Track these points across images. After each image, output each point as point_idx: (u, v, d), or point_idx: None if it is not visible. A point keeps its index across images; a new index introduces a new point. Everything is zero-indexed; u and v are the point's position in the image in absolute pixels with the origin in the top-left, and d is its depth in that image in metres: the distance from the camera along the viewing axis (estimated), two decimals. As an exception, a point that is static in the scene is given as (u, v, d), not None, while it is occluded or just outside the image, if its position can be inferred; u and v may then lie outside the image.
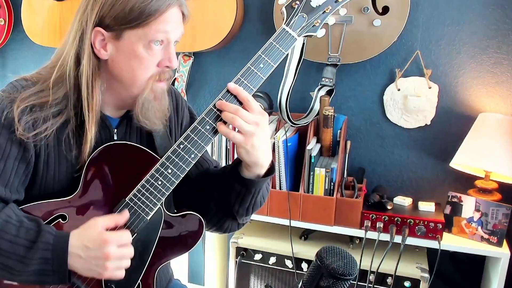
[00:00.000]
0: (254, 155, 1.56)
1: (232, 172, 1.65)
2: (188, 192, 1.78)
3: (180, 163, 1.56)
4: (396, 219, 2.63)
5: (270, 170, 1.65)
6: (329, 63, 2.88)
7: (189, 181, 1.73)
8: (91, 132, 1.55)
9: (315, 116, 2.91)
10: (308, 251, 2.83)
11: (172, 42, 1.56)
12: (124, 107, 1.63)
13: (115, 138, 1.67)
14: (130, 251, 1.49)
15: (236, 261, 2.94)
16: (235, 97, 1.56)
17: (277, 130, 2.86)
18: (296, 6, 1.65)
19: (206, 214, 1.71)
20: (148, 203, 1.56)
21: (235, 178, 1.63)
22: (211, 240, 3.25)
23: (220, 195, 1.69)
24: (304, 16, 1.65)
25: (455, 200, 2.70)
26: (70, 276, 1.46)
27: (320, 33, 1.69)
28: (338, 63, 2.87)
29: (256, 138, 1.54)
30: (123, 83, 1.57)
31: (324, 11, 1.67)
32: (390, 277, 2.64)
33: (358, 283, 2.69)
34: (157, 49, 1.53)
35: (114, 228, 1.51)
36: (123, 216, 1.53)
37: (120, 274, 1.48)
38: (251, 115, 1.54)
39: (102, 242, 1.42)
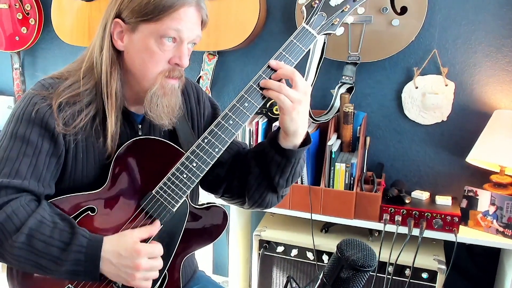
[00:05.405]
0: (297, 123, 1.60)
1: (271, 145, 1.69)
2: (224, 175, 1.82)
3: (205, 157, 1.61)
4: (414, 212, 2.66)
5: (306, 140, 1.69)
6: (349, 61, 2.91)
7: (223, 165, 1.78)
8: (111, 118, 1.59)
9: (336, 113, 2.93)
10: (329, 243, 2.85)
11: (185, 42, 1.58)
12: (141, 102, 1.63)
13: (140, 133, 1.71)
14: (159, 264, 1.55)
15: (259, 253, 2.97)
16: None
17: (298, 126, 2.86)
18: (316, 5, 1.68)
19: (248, 192, 1.76)
20: (174, 196, 1.60)
21: (275, 150, 1.67)
22: (235, 233, 3.25)
23: (261, 169, 1.73)
24: (324, 15, 1.68)
25: (471, 194, 2.71)
26: (101, 277, 1.51)
27: (339, 31, 1.72)
28: (357, 62, 2.90)
29: (302, 106, 1.59)
30: (135, 76, 1.61)
31: (343, 10, 1.70)
32: (408, 269, 2.66)
33: (377, 274, 2.72)
34: (169, 45, 1.56)
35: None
36: (156, 226, 1.59)
37: (147, 284, 1.54)
38: (300, 85, 1.60)
39: (135, 252, 1.48)
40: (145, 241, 1.56)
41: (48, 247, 1.45)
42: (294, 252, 2.90)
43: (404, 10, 2.77)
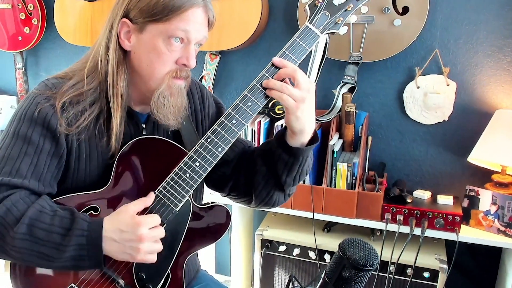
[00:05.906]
0: (303, 121, 1.58)
1: (278, 143, 1.67)
2: (230, 173, 1.81)
3: (208, 157, 1.60)
4: (415, 212, 2.65)
5: (314, 139, 1.66)
6: (351, 61, 2.92)
7: (228, 163, 1.78)
8: (116, 118, 1.59)
9: (338, 112, 2.94)
10: (331, 243, 2.85)
11: (193, 43, 1.58)
12: (146, 102, 1.63)
13: (144, 133, 1.71)
14: (161, 232, 1.52)
15: (261, 252, 2.97)
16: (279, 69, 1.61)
17: (300, 126, 2.87)
18: (319, 4, 1.67)
19: (254, 190, 1.74)
20: (177, 195, 1.59)
21: (282, 148, 1.65)
22: (237, 232, 3.26)
23: (268, 168, 1.71)
24: (327, 14, 1.67)
25: (472, 193, 2.71)
26: (105, 261, 1.49)
27: (342, 30, 1.72)
28: (359, 62, 2.90)
29: (306, 104, 1.58)
30: (142, 76, 1.60)
31: (346, 9, 1.69)
32: (410, 268, 2.67)
33: (379, 273, 2.72)
34: (176, 46, 1.56)
35: (143, 213, 1.56)
36: (150, 197, 1.57)
37: (152, 258, 1.51)
38: (301, 82, 1.57)
39: (136, 224, 1.46)
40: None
41: (50, 234, 1.44)
42: (296, 251, 2.91)
43: (406, 10, 2.78)
